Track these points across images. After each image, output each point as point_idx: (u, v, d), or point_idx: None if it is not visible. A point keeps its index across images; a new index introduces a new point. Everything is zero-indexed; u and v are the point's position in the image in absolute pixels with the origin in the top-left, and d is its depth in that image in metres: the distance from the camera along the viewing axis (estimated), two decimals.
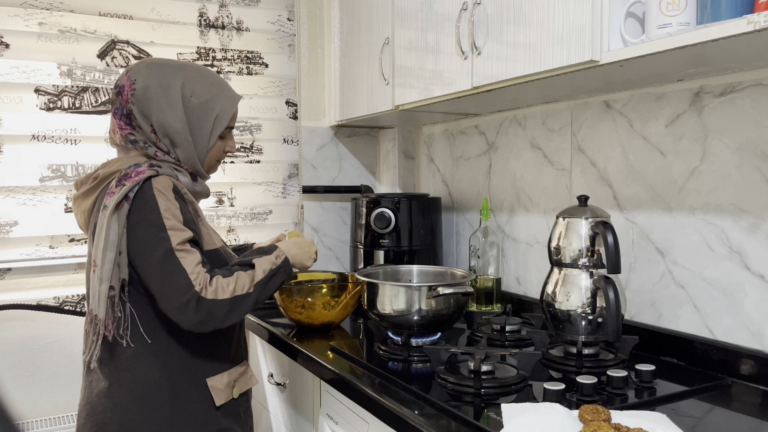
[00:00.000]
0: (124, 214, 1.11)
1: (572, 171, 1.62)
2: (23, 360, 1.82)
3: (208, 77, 1.26)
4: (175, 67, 1.24)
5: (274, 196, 2.22)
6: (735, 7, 0.95)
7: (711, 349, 1.27)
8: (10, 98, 1.79)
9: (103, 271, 1.11)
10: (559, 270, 1.32)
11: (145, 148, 1.22)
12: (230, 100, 1.28)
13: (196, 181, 1.28)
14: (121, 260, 1.13)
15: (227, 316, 1.15)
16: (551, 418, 0.95)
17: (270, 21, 2.19)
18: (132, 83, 1.20)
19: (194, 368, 1.22)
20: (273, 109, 2.21)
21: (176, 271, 1.11)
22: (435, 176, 2.21)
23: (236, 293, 1.15)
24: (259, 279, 1.19)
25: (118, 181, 1.13)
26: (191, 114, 1.22)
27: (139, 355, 1.18)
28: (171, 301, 1.11)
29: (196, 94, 1.22)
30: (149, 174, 1.14)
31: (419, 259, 1.95)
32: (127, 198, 1.12)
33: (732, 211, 1.25)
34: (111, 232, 1.10)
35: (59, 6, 1.85)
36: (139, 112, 1.20)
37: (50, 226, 1.84)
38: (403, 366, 1.32)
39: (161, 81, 1.20)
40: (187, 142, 1.22)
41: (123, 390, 1.18)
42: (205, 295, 1.11)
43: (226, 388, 1.26)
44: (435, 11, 1.58)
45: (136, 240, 1.13)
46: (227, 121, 1.27)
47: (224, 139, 1.31)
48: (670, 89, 1.36)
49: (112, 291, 1.13)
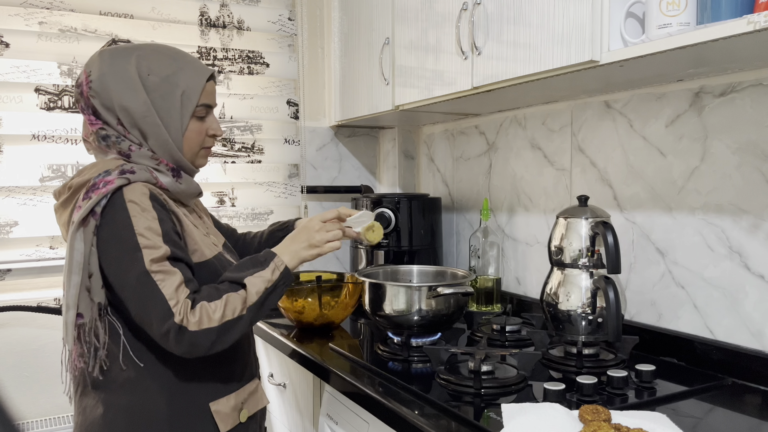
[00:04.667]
0: (90, 231, 0.98)
1: (572, 171, 1.62)
2: (23, 360, 1.82)
3: (166, 53, 1.12)
4: (128, 48, 1.11)
5: (275, 197, 2.22)
6: (735, 7, 0.95)
7: (711, 349, 1.27)
8: (10, 98, 1.79)
9: (69, 296, 0.99)
10: (559, 270, 1.32)
11: (117, 143, 1.08)
12: (196, 74, 1.12)
13: (180, 177, 1.12)
14: (93, 283, 1.00)
15: (214, 344, 1.01)
16: (551, 418, 0.95)
17: (271, 20, 2.19)
18: (88, 76, 1.08)
19: (195, 392, 1.09)
20: (274, 109, 2.21)
21: (154, 296, 0.97)
22: (435, 176, 2.22)
23: (225, 319, 1.01)
24: (253, 302, 1.04)
25: (86, 194, 1.00)
26: (153, 94, 1.08)
27: (135, 379, 1.06)
28: (151, 330, 1.00)
29: (153, 72, 1.08)
30: (118, 184, 1.00)
31: (419, 259, 1.95)
32: (94, 213, 0.98)
33: (732, 211, 1.25)
34: (75, 252, 0.98)
35: (60, 5, 1.85)
36: (101, 105, 1.07)
37: (50, 226, 1.84)
38: (403, 366, 1.32)
39: (114, 66, 1.07)
40: (156, 127, 1.08)
41: (120, 416, 1.06)
42: (187, 326, 0.98)
43: (232, 412, 1.13)
44: (435, 11, 1.58)
45: (108, 260, 1.00)
46: (196, 97, 1.11)
47: (203, 119, 1.15)
48: (670, 89, 1.36)
49: (80, 319, 1.01)
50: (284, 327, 1.72)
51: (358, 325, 1.76)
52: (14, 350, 1.80)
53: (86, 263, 0.99)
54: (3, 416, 0.39)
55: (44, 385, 1.84)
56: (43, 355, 1.84)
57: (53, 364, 1.85)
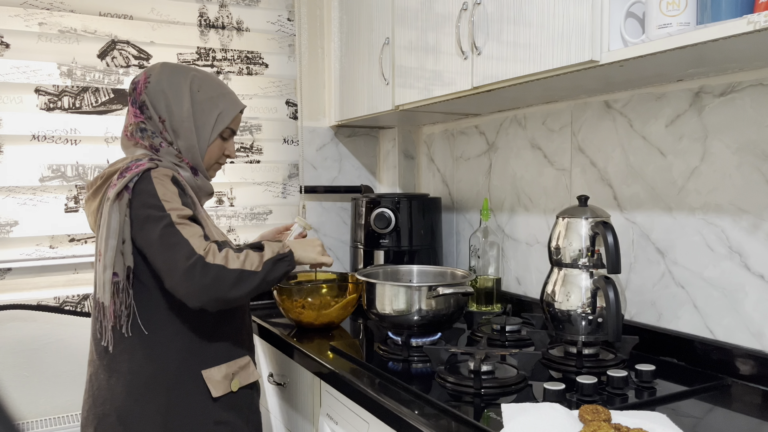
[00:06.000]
0: (125, 203, 1.17)
1: (572, 171, 1.62)
2: (23, 360, 1.82)
3: (215, 80, 1.37)
4: (188, 68, 1.35)
5: (274, 196, 2.22)
6: (735, 7, 0.95)
7: (711, 349, 1.27)
8: (10, 98, 1.79)
9: (106, 258, 1.17)
10: (559, 270, 1.32)
11: (152, 137, 1.29)
12: (234, 104, 1.37)
13: (197, 175, 1.33)
14: (125, 248, 1.18)
15: (233, 286, 1.15)
16: (551, 418, 0.95)
17: (270, 21, 2.18)
18: (147, 77, 1.30)
19: (190, 360, 1.25)
20: (273, 109, 2.21)
21: (179, 241, 1.14)
22: (435, 176, 2.21)
23: (245, 267, 1.17)
24: (268, 258, 1.22)
25: (120, 174, 1.20)
26: (197, 106, 1.31)
27: (136, 347, 1.21)
28: (176, 270, 1.13)
29: (203, 90, 1.32)
30: (149, 166, 1.20)
31: (419, 259, 1.95)
32: (127, 188, 1.17)
33: (732, 211, 1.25)
34: (112, 220, 1.16)
35: (59, 6, 1.85)
36: (150, 103, 1.29)
37: (50, 226, 1.84)
38: (403, 366, 1.32)
39: (172, 77, 1.31)
40: (190, 132, 1.30)
41: (120, 382, 1.22)
42: (213, 260, 1.13)
43: (223, 380, 1.27)
44: (435, 11, 1.58)
45: (138, 223, 1.17)
46: (229, 120, 1.35)
47: (225, 140, 1.38)
48: (670, 89, 1.36)
49: (116, 277, 1.18)
50: (284, 327, 1.72)
51: (358, 325, 1.76)
52: (14, 350, 1.80)
53: (121, 230, 1.17)
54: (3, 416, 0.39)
55: (44, 385, 1.84)
56: (43, 355, 1.83)
57: (53, 364, 1.85)
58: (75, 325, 1.87)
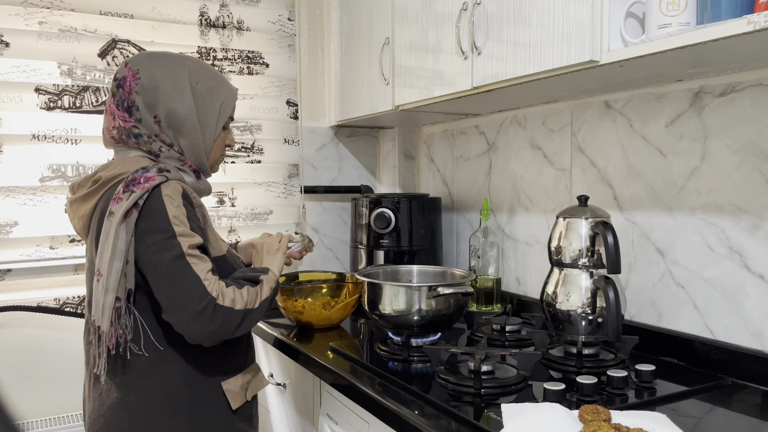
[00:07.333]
0: (132, 222, 1.08)
1: (572, 171, 1.62)
2: (23, 360, 1.82)
3: (209, 67, 1.28)
4: (178, 56, 1.23)
5: (275, 197, 2.22)
6: (735, 7, 0.95)
7: (711, 349, 1.27)
8: (10, 98, 1.79)
9: (109, 281, 1.08)
10: (559, 270, 1.32)
11: (149, 142, 1.18)
12: (231, 91, 1.29)
13: (199, 178, 1.26)
14: (128, 269, 1.09)
15: (238, 327, 1.13)
16: (551, 418, 0.95)
17: (270, 21, 2.18)
18: (135, 73, 1.17)
19: (211, 372, 1.20)
20: (273, 109, 2.21)
21: (189, 278, 1.08)
22: (435, 176, 2.21)
23: (248, 306, 1.14)
24: (265, 297, 1.19)
25: (126, 187, 1.09)
26: (199, 100, 1.21)
27: (154, 363, 1.15)
28: (185, 310, 1.07)
29: (202, 81, 1.22)
30: (159, 180, 1.11)
31: (419, 259, 1.95)
32: (137, 205, 1.08)
33: (732, 211, 1.25)
34: (119, 241, 1.07)
35: (60, 5, 1.85)
36: (143, 103, 1.16)
37: (50, 226, 1.84)
38: (403, 366, 1.32)
39: (167, 69, 1.18)
40: (194, 130, 1.20)
41: (139, 399, 1.15)
42: (222, 303, 1.10)
43: (240, 390, 1.24)
44: (435, 11, 1.58)
45: (144, 247, 1.09)
46: (230, 110, 1.28)
47: (225, 130, 1.30)
48: (670, 89, 1.36)
49: (118, 302, 1.10)
50: (284, 327, 1.72)
51: (358, 325, 1.76)
52: (14, 350, 1.80)
53: (127, 251, 1.08)
54: (3, 416, 0.39)
55: (44, 385, 1.84)
56: (43, 355, 1.83)
57: (53, 364, 1.85)
58: (75, 325, 1.87)
